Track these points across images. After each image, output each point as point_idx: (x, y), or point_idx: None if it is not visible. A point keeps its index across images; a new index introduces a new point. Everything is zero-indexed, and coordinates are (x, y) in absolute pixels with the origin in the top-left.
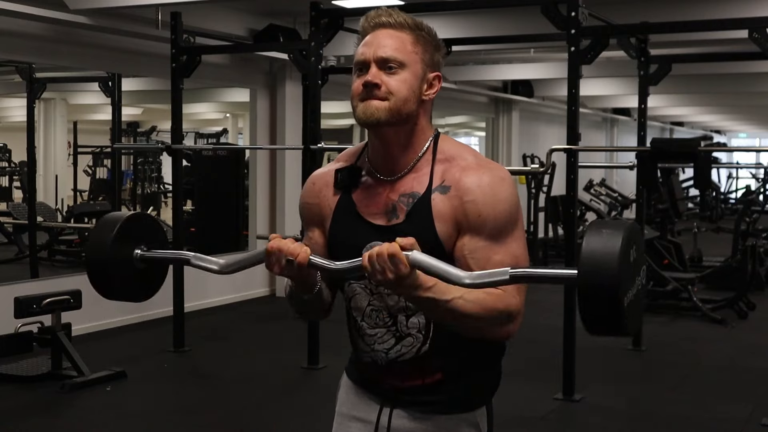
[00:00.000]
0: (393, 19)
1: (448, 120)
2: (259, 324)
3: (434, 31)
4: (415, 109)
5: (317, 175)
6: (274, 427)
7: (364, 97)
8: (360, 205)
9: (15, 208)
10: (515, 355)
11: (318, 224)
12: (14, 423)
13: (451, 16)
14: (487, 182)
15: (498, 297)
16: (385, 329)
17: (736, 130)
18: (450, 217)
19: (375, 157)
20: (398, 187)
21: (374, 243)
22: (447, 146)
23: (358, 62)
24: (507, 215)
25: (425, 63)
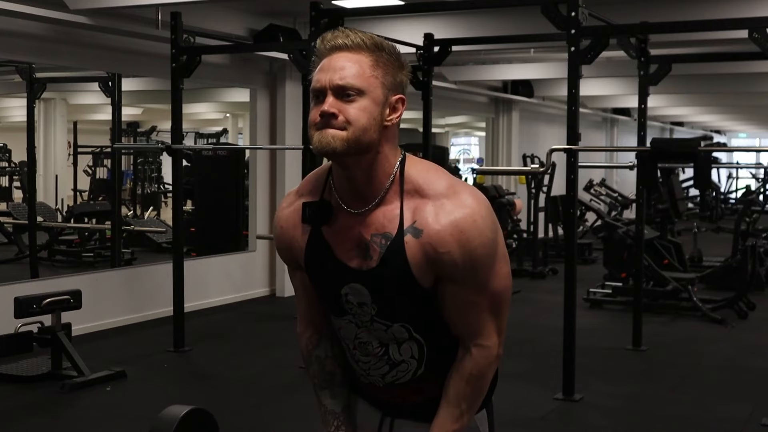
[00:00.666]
0: (350, 41)
1: (448, 120)
2: (259, 324)
3: (396, 50)
4: (375, 138)
5: (283, 217)
6: (274, 427)
7: (319, 126)
8: (332, 243)
9: (15, 208)
10: (515, 355)
11: (297, 267)
12: (14, 423)
13: (451, 16)
14: (460, 228)
15: (474, 370)
16: (377, 358)
17: (736, 130)
18: (425, 263)
19: (341, 186)
20: (369, 223)
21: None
22: (414, 173)
23: (314, 90)
24: (484, 257)
25: (386, 87)
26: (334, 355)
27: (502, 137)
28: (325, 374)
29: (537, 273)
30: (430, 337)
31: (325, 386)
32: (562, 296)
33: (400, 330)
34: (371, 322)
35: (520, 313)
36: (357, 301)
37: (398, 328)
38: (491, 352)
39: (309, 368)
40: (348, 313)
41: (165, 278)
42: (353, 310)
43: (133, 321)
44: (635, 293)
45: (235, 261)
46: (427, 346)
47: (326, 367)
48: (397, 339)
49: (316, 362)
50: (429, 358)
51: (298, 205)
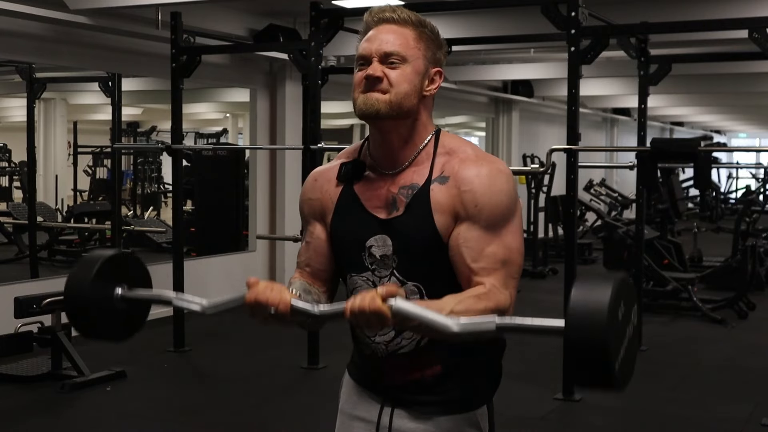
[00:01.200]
0: (397, 15)
1: (448, 120)
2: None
3: (437, 30)
4: (416, 104)
5: (319, 171)
6: (274, 427)
7: (365, 89)
8: (362, 197)
9: (15, 208)
10: (515, 355)
11: (319, 219)
12: (14, 423)
13: (451, 16)
14: (485, 173)
15: (486, 298)
16: None
17: (736, 130)
18: (448, 207)
19: (376, 151)
20: (399, 180)
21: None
22: (448, 141)
23: (361, 56)
24: (504, 206)
25: (427, 59)
26: (317, 296)
27: (502, 137)
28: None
29: (537, 273)
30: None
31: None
32: (562, 296)
33: (413, 289)
34: (390, 276)
35: (520, 313)
36: (380, 253)
37: (411, 286)
38: (502, 296)
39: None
40: (368, 269)
41: (165, 278)
42: (374, 264)
43: None
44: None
45: (235, 261)
46: None
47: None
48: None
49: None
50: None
51: (336, 164)
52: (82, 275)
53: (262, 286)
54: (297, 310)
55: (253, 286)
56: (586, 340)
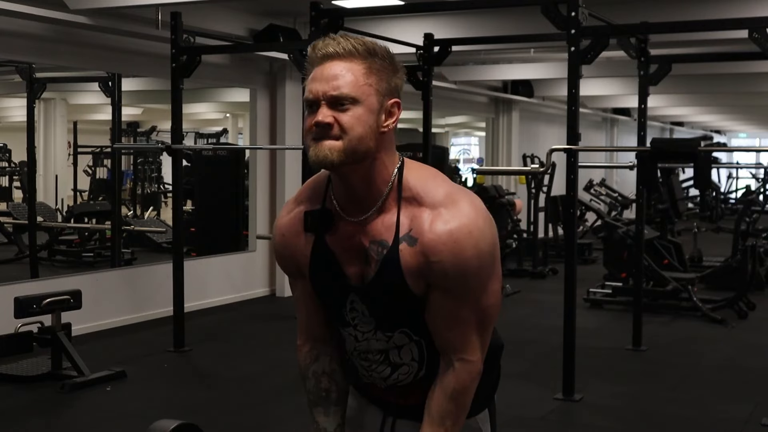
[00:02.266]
0: (342, 48)
1: (448, 120)
2: (259, 324)
3: (389, 53)
4: (372, 146)
5: (284, 225)
6: (274, 427)
7: (315, 137)
8: (336, 251)
9: (15, 208)
10: (515, 355)
11: (300, 275)
12: (14, 423)
13: (451, 16)
14: (454, 238)
15: (454, 388)
16: (377, 363)
17: (736, 130)
18: (417, 272)
19: (340, 196)
20: (368, 231)
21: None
22: (412, 180)
23: (308, 100)
24: (475, 270)
25: (381, 93)
26: (332, 372)
27: (502, 137)
28: (320, 391)
29: (537, 273)
30: (431, 338)
31: (318, 403)
32: (562, 296)
33: (401, 336)
34: (374, 332)
35: (520, 313)
36: (360, 310)
37: (398, 335)
38: (475, 367)
39: (305, 383)
40: (350, 324)
41: (165, 278)
42: (356, 319)
43: (133, 321)
44: (635, 293)
45: (235, 261)
46: (427, 347)
47: (322, 383)
48: (397, 345)
49: (312, 377)
50: (430, 359)
51: (299, 212)
52: None
53: None
54: None
55: None
56: None
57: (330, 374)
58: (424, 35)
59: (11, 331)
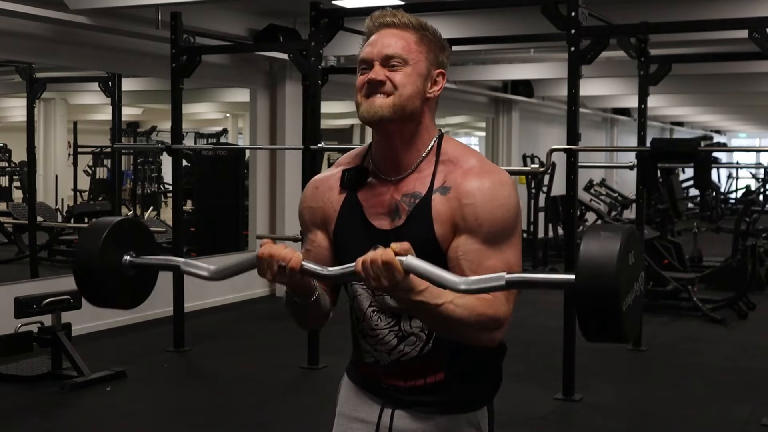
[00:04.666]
0: (398, 20)
1: (448, 120)
2: (259, 324)
3: (439, 33)
4: (419, 106)
5: (320, 179)
6: (274, 427)
7: (367, 93)
8: (365, 205)
9: (15, 208)
10: (515, 355)
11: (320, 227)
12: (14, 423)
13: (451, 16)
14: (487, 186)
15: (488, 303)
16: (387, 330)
17: (736, 130)
18: (448, 218)
19: (378, 157)
20: (401, 187)
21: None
22: (451, 148)
23: (363, 60)
24: (504, 221)
25: (429, 61)
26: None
27: (502, 137)
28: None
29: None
30: None
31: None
32: (562, 296)
33: None
34: None
35: (520, 313)
36: None
37: None
38: (502, 308)
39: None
40: None
41: (165, 278)
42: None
43: (133, 321)
44: None
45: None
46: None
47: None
48: None
49: None
50: (437, 335)
51: (337, 171)
52: (91, 241)
53: (275, 244)
54: (306, 270)
55: (266, 243)
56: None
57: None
58: None
59: (11, 331)
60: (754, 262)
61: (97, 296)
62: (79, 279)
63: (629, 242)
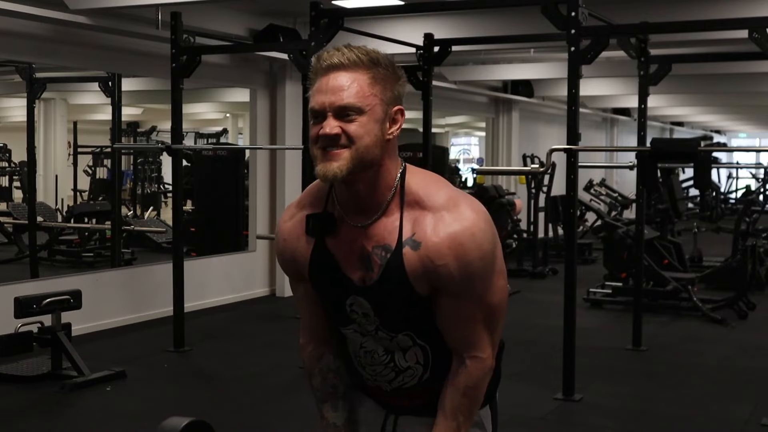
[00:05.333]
0: (346, 59)
1: (448, 120)
2: (259, 324)
3: (391, 62)
4: (378, 153)
5: (286, 230)
6: (274, 427)
7: (322, 145)
8: (337, 255)
9: (15, 208)
10: (515, 355)
11: (301, 278)
12: (14, 423)
13: (451, 16)
14: (459, 242)
15: (466, 384)
16: (383, 366)
17: (736, 130)
18: (423, 276)
19: (343, 201)
20: (371, 235)
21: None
22: (414, 185)
23: (314, 110)
24: (480, 271)
25: (386, 102)
26: (337, 368)
27: (502, 137)
28: (328, 387)
29: (537, 273)
30: (435, 342)
31: (327, 399)
32: (562, 296)
33: (404, 339)
34: (376, 331)
35: (520, 313)
36: (361, 311)
37: (402, 337)
38: (486, 363)
39: (311, 380)
40: (353, 323)
41: (165, 278)
42: (358, 320)
43: (133, 321)
44: (635, 293)
45: (235, 261)
46: (432, 351)
47: (328, 380)
48: (401, 347)
49: (318, 375)
50: (435, 362)
51: (301, 216)
52: None
53: None
54: None
55: None
56: None
57: (335, 370)
58: (424, 35)
59: (11, 331)
60: (754, 262)
61: None
62: None
63: None
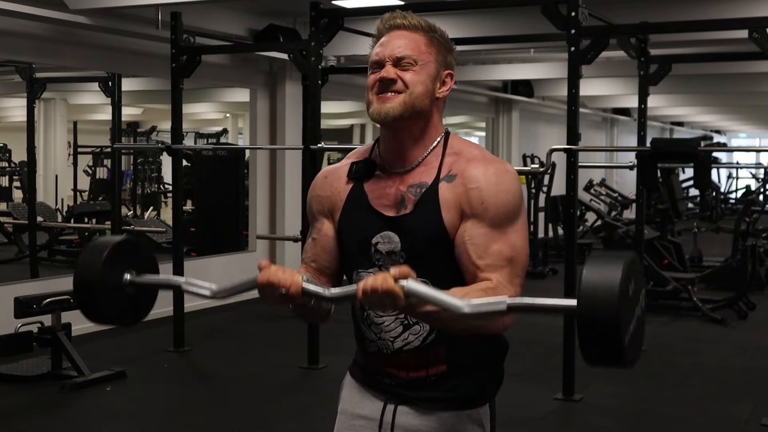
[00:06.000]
0: (408, 21)
1: (448, 120)
2: (259, 324)
3: (447, 35)
4: (428, 105)
5: (329, 169)
6: (274, 427)
7: (379, 90)
8: (371, 195)
9: (15, 208)
10: (515, 355)
11: (328, 216)
12: (14, 423)
13: (451, 16)
14: (492, 172)
15: (493, 293)
16: (393, 317)
17: (736, 130)
18: (455, 204)
19: (386, 150)
20: (407, 179)
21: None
22: (457, 143)
23: (374, 62)
24: (509, 205)
25: (438, 62)
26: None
27: (502, 137)
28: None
29: (537, 273)
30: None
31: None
32: (562, 296)
33: None
34: None
35: (520, 313)
36: (386, 249)
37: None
38: (509, 292)
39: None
40: (375, 265)
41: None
42: (381, 260)
43: None
44: None
45: (235, 261)
46: None
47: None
48: None
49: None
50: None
51: (346, 163)
52: (92, 260)
53: (273, 268)
54: (308, 292)
55: (264, 269)
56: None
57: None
58: None
59: (11, 331)
60: (754, 262)
61: (97, 313)
62: (80, 297)
63: (630, 270)
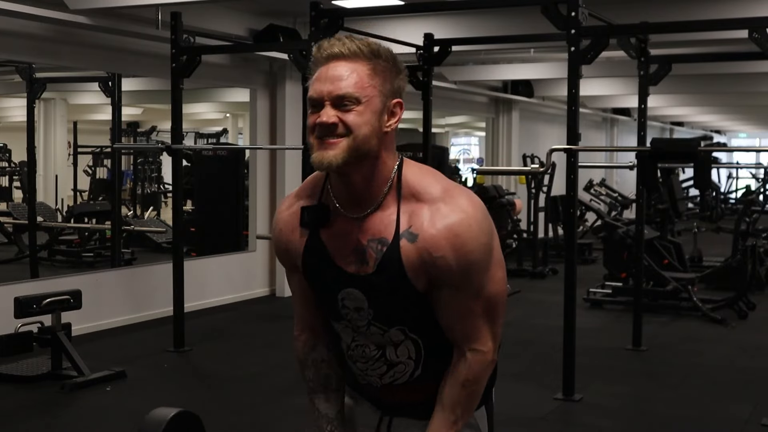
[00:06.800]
0: (347, 49)
1: (448, 120)
2: (259, 324)
3: (393, 55)
4: (376, 144)
5: (282, 220)
6: (274, 427)
7: (319, 135)
8: (330, 247)
9: (15, 208)
10: (515, 355)
11: (295, 268)
12: (14, 423)
13: (451, 16)
14: (455, 233)
15: (466, 377)
16: (374, 360)
17: (736, 130)
18: (421, 268)
19: (338, 192)
20: (366, 228)
21: (350, 290)
22: (411, 178)
23: (312, 99)
24: (480, 262)
25: (384, 95)
26: (330, 359)
27: (502, 137)
28: (321, 378)
29: (537, 273)
30: (427, 337)
31: (319, 390)
32: (562, 296)
33: (397, 333)
34: (368, 326)
35: (520, 313)
36: (353, 306)
37: (395, 331)
38: (486, 357)
39: (304, 371)
40: (344, 318)
41: (165, 278)
42: (349, 315)
43: (133, 321)
44: (635, 293)
45: (235, 261)
46: (423, 346)
47: (322, 370)
48: (393, 341)
49: (312, 366)
50: (426, 358)
51: (297, 208)
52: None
53: None
54: None
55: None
56: None
57: (328, 361)
58: (424, 35)
59: (11, 331)
60: (754, 262)
61: None
62: None
63: None
